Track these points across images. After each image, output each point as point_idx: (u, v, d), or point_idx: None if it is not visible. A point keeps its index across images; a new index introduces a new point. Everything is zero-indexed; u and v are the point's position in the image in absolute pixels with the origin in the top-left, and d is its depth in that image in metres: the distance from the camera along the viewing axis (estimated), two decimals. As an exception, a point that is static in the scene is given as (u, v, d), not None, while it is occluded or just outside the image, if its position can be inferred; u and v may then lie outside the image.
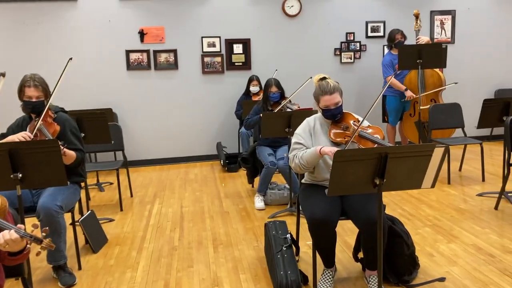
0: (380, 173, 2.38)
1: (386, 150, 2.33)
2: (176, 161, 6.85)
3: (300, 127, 3.16)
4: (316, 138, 3.06)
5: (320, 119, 3.12)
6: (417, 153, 2.36)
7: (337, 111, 3.00)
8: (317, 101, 3.04)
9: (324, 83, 3.02)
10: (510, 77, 7.38)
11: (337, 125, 3.04)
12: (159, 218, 4.48)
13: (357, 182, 2.42)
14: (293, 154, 3.07)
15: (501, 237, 3.65)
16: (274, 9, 6.77)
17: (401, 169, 2.39)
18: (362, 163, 2.35)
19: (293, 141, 3.13)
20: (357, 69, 7.04)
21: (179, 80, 6.74)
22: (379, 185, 2.41)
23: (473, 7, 7.15)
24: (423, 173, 2.45)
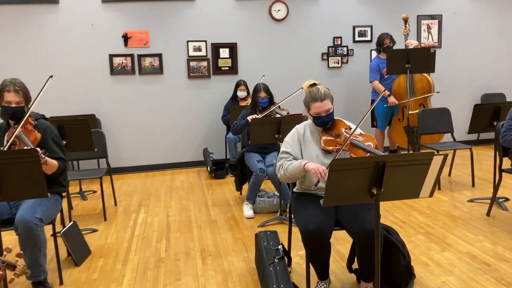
0: (378, 182, 2.28)
1: (384, 158, 2.24)
2: (161, 168, 6.70)
3: (289, 135, 3.06)
4: (306, 146, 2.96)
5: (311, 126, 3.03)
6: (416, 162, 2.27)
7: (328, 118, 2.91)
8: (308, 108, 2.94)
9: (314, 89, 2.92)
10: (497, 82, 7.40)
11: (328, 133, 2.95)
12: (145, 228, 4.33)
13: (353, 192, 2.32)
14: (279, 164, 2.97)
15: (495, 245, 3.59)
16: (261, 13, 6.68)
17: (399, 178, 2.30)
18: (359, 172, 2.25)
19: (281, 149, 3.03)
20: (345, 74, 6.98)
21: (164, 85, 6.60)
22: (376, 195, 2.31)
23: (459, 11, 7.15)
24: (421, 182, 2.36)
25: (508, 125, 3.82)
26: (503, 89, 7.38)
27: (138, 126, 6.58)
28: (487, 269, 3.19)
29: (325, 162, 2.88)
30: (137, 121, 6.56)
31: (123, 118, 6.51)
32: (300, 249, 3.65)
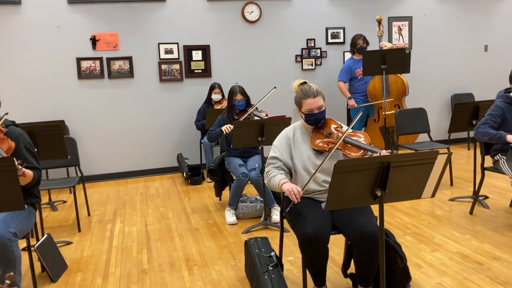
0: (382, 183, 2.20)
1: (388, 158, 2.15)
2: (134, 175, 6.45)
3: (278, 138, 2.95)
4: (297, 148, 2.86)
5: (301, 127, 2.93)
6: (420, 161, 2.20)
7: (321, 116, 2.82)
8: (299, 106, 2.85)
9: (306, 86, 2.83)
10: (465, 82, 7.54)
11: (319, 132, 2.86)
12: (123, 239, 4.11)
13: (356, 194, 2.23)
14: (267, 170, 2.87)
15: (483, 243, 3.59)
16: (234, 14, 6.56)
17: (403, 178, 2.22)
18: (363, 174, 2.16)
19: (270, 154, 2.93)
20: (319, 76, 6.94)
21: (135, 89, 6.37)
22: (380, 196, 2.23)
23: (428, 13, 7.26)
24: (424, 182, 2.29)
25: (484, 120, 3.86)
26: (471, 89, 7.53)
27: (108, 132, 6.32)
28: (480, 269, 3.17)
29: (317, 163, 2.79)
30: (107, 126, 6.30)
31: (92, 123, 6.24)
32: (289, 255, 3.54)
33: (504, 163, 3.78)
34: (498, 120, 3.82)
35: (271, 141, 3.98)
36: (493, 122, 3.82)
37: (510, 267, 3.17)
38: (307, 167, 2.80)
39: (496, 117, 3.83)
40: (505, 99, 3.88)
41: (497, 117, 3.83)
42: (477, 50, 7.55)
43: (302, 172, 2.81)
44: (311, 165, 2.78)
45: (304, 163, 2.80)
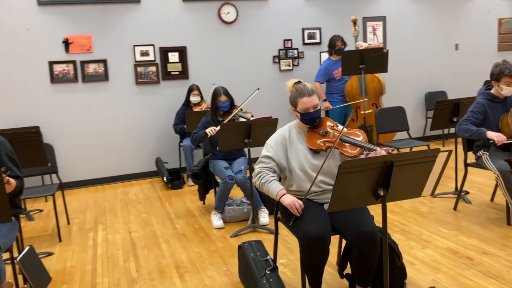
0: (385, 183, 2.19)
1: (391, 158, 2.14)
2: (111, 181, 6.28)
3: (273, 138, 2.90)
4: (293, 149, 2.82)
5: (296, 127, 2.90)
6: (422, 159, 2.20)
7: (317, 115, 2.80)
8: (295, 105, 2.82)
9: (301, 85, 2.81)
10: (438, 80, 7.69)
11: (315, 131, 2.84)
12: (107, 247, 3.98)
13: (359, 195, 2.21)
14: (258, 170, 2.82)
15: (470, 238, 3.65)
16: (210, 16, 6.48)
17: (405, 177, 2.22)
18: (367, 174, 2.14)
19: (263, 153, 2.88)
20: (296, 76, 6.84)
21: (111, 92, 6.20)
22: (383, 196, 2.22)
23: (401, 13, 7.37)
24: (425, 181, 2.30)
25: (467, 117, 3.93)
26: (444, 88, 7.69)
27: (84, 137, 6.13)
28: (471, 263, 3.21)
29: (314, 163, 2.76)
30: (82, 131, 6.11)
31: (66, 129, 6.04)
32: (281, 257, 3.50)
33: (487, 159, 3.85)
34: (480, 117, 3.89)
35: (258, 142, 3.97)
36: (475, 118, 3.89)
37: (500, 260, 3.22)
38: (304, 167, 2.77)
39: (477, 114, 3.90)
40: (486, 96, 3.96)
41: (478, 113, 3.90)
42: (449, 48, 7.72)
43: (299, 173, 2.77)
44: (308, 165, 2.75)
45: (301, 163, 2.77)
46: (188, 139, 5.99)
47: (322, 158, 2.76)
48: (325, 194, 2.78)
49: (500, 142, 3.65)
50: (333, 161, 2.79)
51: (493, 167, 3.74)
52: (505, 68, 3.74)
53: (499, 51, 7.99)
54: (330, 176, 2.78)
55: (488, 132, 3.73)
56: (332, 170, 2.76)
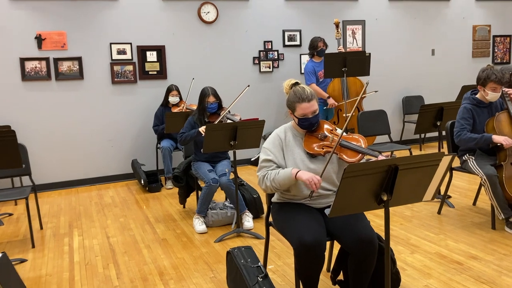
0: (389, 187, 2.11)
1: (396, 161, 2.07)
2: (85, 183, 6.04)
3: (269, 141, 2.79)
4: (289, 152, 2.72)
5: (292, 129, 2.80)
6: (426, 163, 2.14)
7: (315, 120, 2.70)
8: (292, 110, 2.71)
9: (300, 89, 2.70)
10: (415, 85, 7.76)
11: (312, 135, 2.74)
12: (85, 253, 3.78)
13: (362, 199, 2.13)
14: (262, 174, 2.70)
15: (458, 242, 3.63)
16: (190, 15, 6.34)
17: (408, 181, 2.15)
18: (371, 178, 2.06)
19: (262, 157, 2.76)
20: (276, 78, 6.87)
21: (85, 91, 5.97)
22: (386, 201, 2.14)
23: (380, 18, 7.40)
24: (427, 185, 2.24)
25: (460, 125, 3.90)
26: (421, 92, 7.76)
27: (56, 137, 5.88)
28: (461, 268, 3.19)
29: (311, 168, 2.67)
30: (54, 132, 5.86)
31: (38, 129, 5.78)
32: (269, 263, 3.40)
33: (473, 163, 3.86)
34: (470, 121, 3.89)
35: (243, 145, 3.86)
36: (468, 124, 3.87)
37: (489, 265, 3.21)
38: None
39: (468, 119, 3.89)
40: (472, 100, 3.96)
41: (469, 119, 3.89)
42: (425, 54, 7.81)
43: (295, 178, 2.67)
44: (305, 169, 2.65)
45: (298, 168, 2.66)
46: (167, 140, 5.83)
47: (319, 162, 2.67)
48: (322, 199, 2.70)
49: (508, 145, 3.62)
50: (331, 165, 2.70)
51: (480, 171, 3.75)
52: (492, 74, 3.75)
53: (473, 57, 8.13)
54: (328, 181, 2.69)
55: (494, 136, 3.68)
56: (330, 175, 2.68)
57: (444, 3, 7.77)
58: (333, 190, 2.73)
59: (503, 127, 3.80)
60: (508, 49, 8.44)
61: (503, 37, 8.35)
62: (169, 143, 5.76)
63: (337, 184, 2.73)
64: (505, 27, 8.33)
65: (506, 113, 3.87)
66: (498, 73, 3.73)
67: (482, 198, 4.56)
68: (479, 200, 4.54)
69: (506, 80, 3.77)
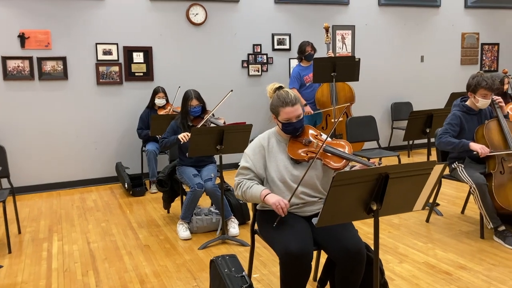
0: (379, 196, 2.04)
1: (387, 169, 2.00)
2: (67, 186, 5.89)
3: (251, 147, 2.71)
4: (272, 158, 2.63)
5: (276, 135, 2.71)
6: (418, 172, 2.07)
7: (300, 125, 2.62)
8: (276, 114, 2.63)
9: (283, 93, 2.62)
10: (404, 91, 7.74)
11: (297, 140, 2.66)
12: (64, 259, 3.65)
13: (351, 209, 2.05)
14: (238, 181, 2.63)
15: (446, 252, 3.57)
16: (178, 16, 6.24)
17: (399, 190, 2.07)
18: (360, 186, 1.98)
19: (241, 163, 2.68)
20: (265, 82, 6.78)
21: (70, 92, 5.83)
22: (375, 210, 2.06)
23: (370, 23, 7.37)
24: (417, 194, 2.16)
25: (444, 129, 3.88)
26: (410, 99, 7.74)
27: (39, 139, 5.73)
28: (450, 279, 3.13)
29: (294, 174, 2.59)
30: (37, 133, 5.71)
31: (20, 129, 5.62)
32: (254, 272, 3.30)
33: (462, 171, 3.81)
34: (457, 128, 3.85)
35: (230, 149, 3.77)
36: (453, 131, 3.85)
37: (478, 276, 3.15)
38: (284, 178, 2.59)
39: (455, 126, 3.85)
40: (461, 107, 3.92)
41: (455, 125, 3.86)
42: (414, 60, 7.79)
43: (279, 184, 2.59)
44: (288, 175, 2.57)
45: (281, 174, 2.58)
46: (152, 143, 5.71)
47: (303, 169, 2.59)
48: (307, 206, 2.62)
49: (484, 154, 3.60)
50: (315, 172, 2.62)
51: (469, 179, 3.70)
52: (482, 80, 3.71)
53: (462, 65, 8.14)
54: (312, 188, 2.61)
55: (471, 144, 3.68)
56: (314, 181, 2.60)
57: (434, 10, 7.77)
58: (318, 197, 2.65)
59: (493, 135, 3.77)
60: (496, 57, 8.48)
61: (491, 45, 8.38)
62: (155, 146, 5.64)
63: (321, 190, 2.66)
64: (493, 35, 8.36)
65: (495, 121, 3.84)
66: (489, 79, 3.69)
67: (470, 207, 4.52)
68: (468, 209, 4.49)
69: (496, 87, 3.73)
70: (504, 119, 3.83)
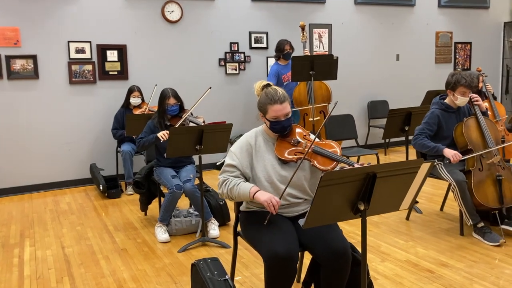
0: (366, 196, 1.99)
1: (374, 169, 1.96)
2: (39, 189, 5.70)
3: (237, 145, 2.63)
4: (259, 157, 2.57)
5: (263, 134, 2.64)
6: (405, 170, 2.03)
7: (288, 123, 2.56)
8: (264, 112, 2.56)
9: (271, 90, 2.56)
10: (380, 90, 7.79)
11: (285, 140, 2.60)
12: (36, 266, 3.50)
13: (338, 209, 2.00)
14: (223, 179, 2.55)
15: (427, 249, 3.58)
16: (153, 13, 6.11)
17: (386, 190, 2.04)
18: (348, 186, 1.94)
19: (227, 161, 2.60)
20: (243, 81, 6.72)
21: (41, 92, 5.64)
22: (363, 211, 2.02)
23: (346, 22, 7.38)
24: (404, 193, 2.13)
25: (421, 129, 3.89)
26: (386, 97, 7.79)
27: (8, 140, 5.52)
28: (433, 277, 3.12)
29: (282, 174, 2.53)
30: (6, 134, 5.50)
31: (-12, 131, 5.41)
32: (236, 274, 3.23)
33: (442, 169, 3.82)
34: (434, 128, 3.87)
35: (210, 149, 3.68)
36: (429, 130, 3.86)
37: (460, 273, 3.16)
38: (271, 178, 2.52)
39: (432, 125, 3.87)
40: (440, 105, 3.94)
41: (433, 124, 3.87)
42: (390, 59, 7.85)
43: (266, 185, 2.52)
44: (276, 176, 2.51)
45: (268, 174, 2.52)
46: (128, 144, 5.57)
47: (291, 169, 2.52)
48: (292, 207, 2.56)
49: (456, 161, 3.64)
50: (302, 173, 2.57)
51: (449, 177, 3.71)
52: (461, 78, 3.73)
53: (436, 63, 8.24)
54: (298, 189, 2.56)
55: (445, 150, 3.71)
56: (301, 183, 2.55)
57: (409, 9, 7.84)
58: (304, 198, 2.60)
59: (471, 132, 3.79)
60: (469, 56, 8.62)
61: (464, 44, 8.52)
62: (130, 146, 5.50)
63: (308, 192, 2.61)
64: (466, 34, 8.50)
65: (474, 118, 3.86)
66: (468, 77, 3.71)
67: (449, 204, 4.55)
68: (446, 206, 4.52)
69: (475, 84, 3.76)
70: (482, 117, 3.86)
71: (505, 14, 8.85)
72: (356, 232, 3.99)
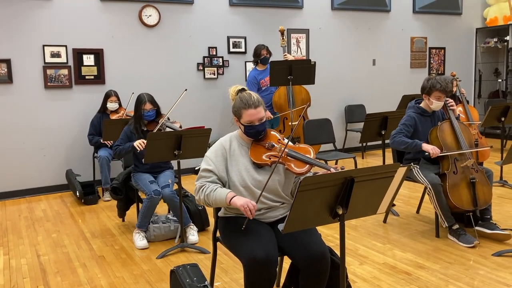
0: (344, 201, 2.02)
1: (352, 173, 1.98)
2: (13, 196, 5.58)
3: (212, 150, 2.63)
4: (234, 161, 2.57)
5: (238, 138, 2.65)
6: (382, 175, 2.07)
7: (262, 128, 2.57)
8: (238, 117, 2.57)
9: (246, 95, 2.57)
10: (357, 94, 7.88)
11: (259, 144, 2.61)
12: (11, 275, 3.42)
13: (317, 214, 2.02)
14: (200, 185, 2.54)
15: (405, 252, 3.63)
16: (130, 17, 6.06)
17: (363, 194, 2.07)
18: (326, 191, 1.96)
19: (202, 167, 2.60)
20: (221, 85, 6.71)
21: (14, 97, 5.53)
22: (341, 215, 2.04)
23: (324, 27, 7.46)
24: (382, 196, 2.17)
25: (399, 129, 3.96)
26: (363, 101, 7.89)
27: (-19, 146, 5.40)
28: (410, 279, 3.17)
29: (257, 179, 2.54)
30: (-21, 140, 5.38)
31: (-41, 137, 5.28)
32: (216, 280, 3.22)
33: (418, 172, 3.89)
34: (411, 129, 3.94)
35: (188, 154, 3.67)
36: (407, 131, 3.93)
37: (436, 274, 3.21)
38: (246, 183, 2.52)
39: (409, 127, 3.93)
40: (416, 109, 4.01)
41: (410, 126, 3.94)
42: (367, 64, 7.95)
43: (241, 189, 2.53)
44: (250, 180, 2.52)
45: (242, 179, 2.52)
46: (105, 149, 5.51)
47: (266, 173, 2.54)
48: (270, 212, 2.57)
49: (435, 155, 3.70)
50: (278, 177, 2.58)
51: (425, 180, 3.78)
52: (437, 83, 3.81)
53: (412, 68, 8.39)
54: (273, 193, 2.57)
55: (424, 145, 3.77)
56: (276, 187, 2.56)
57: (384, 14, 7.97)
58: (280, 202, 2.61)
59: (446, 136, 3.87)
60: (443, 61, 8.80)
61: (438, 49, 8.69)
62: (107, 152, 5.44)
63: (283, 196, 2.62)
64: (440, 39, 8.68)
65: (448, 122, 3.94)
66: (443, 82, 3.79)
67: (425, 206, 4.63)
68: (422, 208, 4.60)
69: (449, 89, 3.84)
70: (456, 121, 3.94)
71: (476, 20, 9.08)
72: (334, 236, 4.02)
